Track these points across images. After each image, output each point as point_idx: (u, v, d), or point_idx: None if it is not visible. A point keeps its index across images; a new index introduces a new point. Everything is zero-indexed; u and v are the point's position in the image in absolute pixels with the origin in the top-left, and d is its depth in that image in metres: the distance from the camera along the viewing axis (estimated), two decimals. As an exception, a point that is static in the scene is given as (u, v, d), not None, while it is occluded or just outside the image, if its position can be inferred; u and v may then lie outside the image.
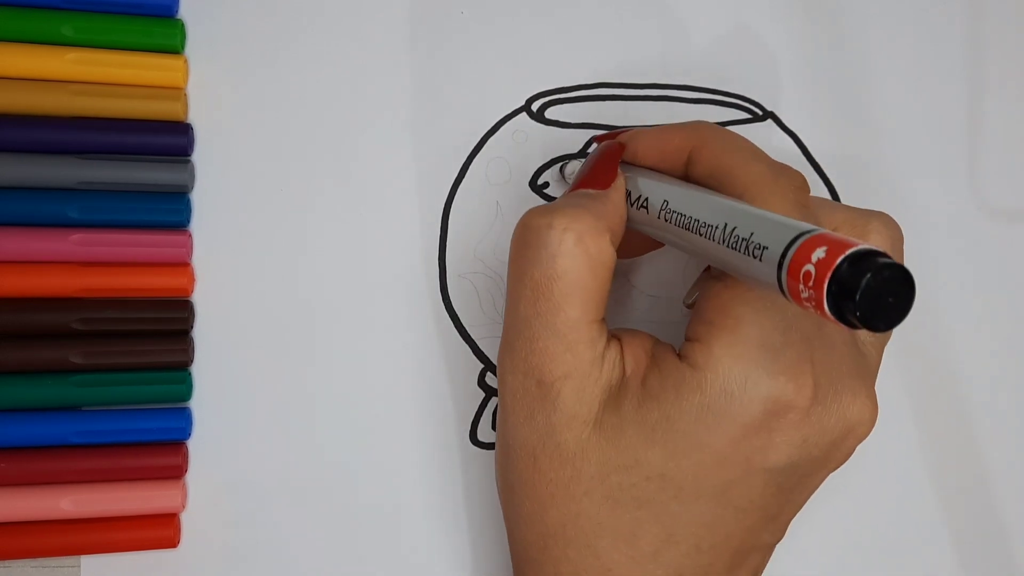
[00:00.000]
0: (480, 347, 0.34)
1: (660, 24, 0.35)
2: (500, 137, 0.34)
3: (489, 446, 0.33)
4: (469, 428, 0.33)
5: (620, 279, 0.34)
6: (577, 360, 0.26)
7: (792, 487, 0.27)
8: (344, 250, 0.33)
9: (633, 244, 0.31)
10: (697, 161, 0.28)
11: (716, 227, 0.25)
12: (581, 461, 0.26)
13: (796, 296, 0.21)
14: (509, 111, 0.34)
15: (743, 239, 0.23)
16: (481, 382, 0.33)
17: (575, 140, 0.34)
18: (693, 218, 0.26)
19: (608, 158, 0.29)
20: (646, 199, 0.28)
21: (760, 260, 0.23)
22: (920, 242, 0.36)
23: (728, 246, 0.24)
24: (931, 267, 0.36)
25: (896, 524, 0.35)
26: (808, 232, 0.22)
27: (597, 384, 0.26)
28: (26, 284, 0.31)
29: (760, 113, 0.35)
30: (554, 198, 0.34)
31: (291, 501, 0.32)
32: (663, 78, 0.35)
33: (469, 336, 0.34)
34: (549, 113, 0.34)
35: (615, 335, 0.28)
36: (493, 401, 0.33)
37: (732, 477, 0.26)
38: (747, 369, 0.25)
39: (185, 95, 0.33)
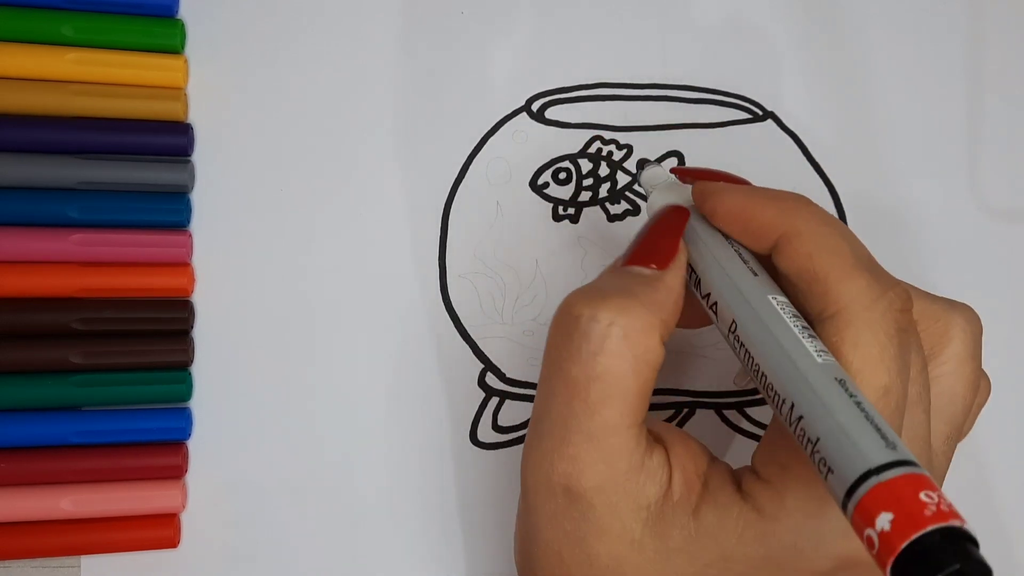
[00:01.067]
0: (480, 347, 0.34)
1: (660, 24, 0.35)
2: (500, 137, 0.34)
3: (489, 446, 0.33)
4: (469, 428, 0.33)
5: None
6: (612, 471, 0.24)
7: None
8: (344, 250, 0.33)
9: (692, 315, 0.28)
10: (786, 254, 0.24)
11: (784, 401, 0.22)
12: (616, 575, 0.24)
13: (860, 537, 0.19)
14: (509, 111, 0.34)
15: (808, 439, 0.21)
16: (481, 382, 0.33)
17: (575, 140, 0.34)
18: (760, 372, 0.23)
19: (670, 228, 0.26)
20: (712, 301, 0.25)
21: (825, 478, 0.20)
22: (920, 242, 0.36)
23: (793, 432, 0.21)
24: (931, 267, 0.36)
25: (896, 524, 0.35)
26: (878, 474, 0.18)
27: (634, 498, 0.24)
28: (26, 284, 0.31)
29: (760, 113, 0.35)
30: (554, 198, 0.34)
31: (291, 501, 0.32)
32: (663, 78, 0.35)
33: (469, 336, 0.34)
34: (549, 113, 0.34)
35: (659, 438, 0.25)
36: (493, 401, 0.33)
37: None
38: (822, 530, 0.23)
39: (185, 95, 0.33)
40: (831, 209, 0.35)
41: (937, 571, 0.17)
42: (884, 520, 0.18)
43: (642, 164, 0.30)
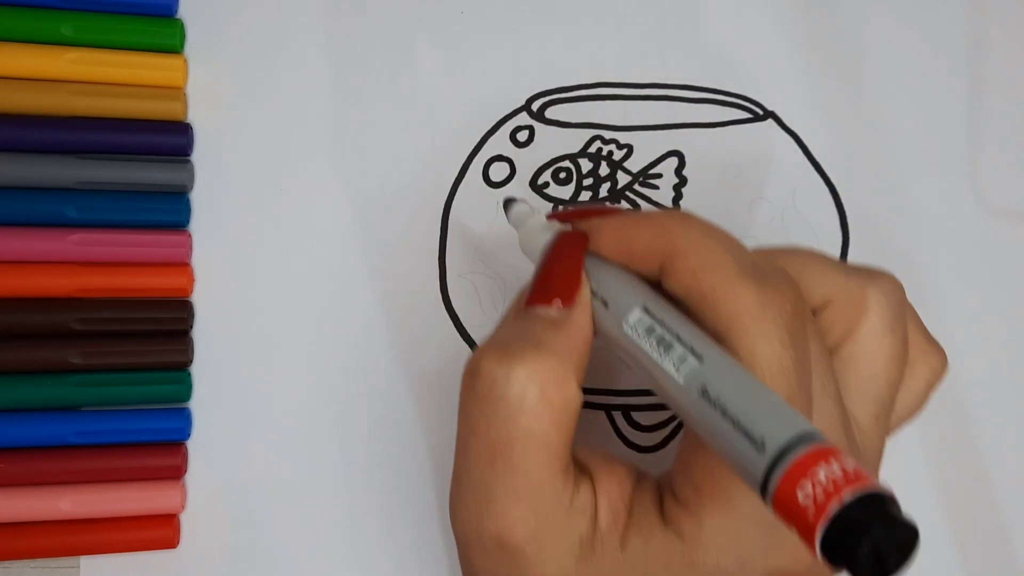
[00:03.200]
0: (480, 347, 0.34)
1: (660, 24, 0.35)
2: (500, 137, 0.34)
3: (489, 446, 0.33)
4: (469, 428, 0.33)
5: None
6: (541, 519, 0.23)
7: None
8: (344, 250, 0.33)
9: None
10: (671, 273, 0.24)
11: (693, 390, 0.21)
12: None
13: (784, 517, 0.18)
14: (509, 111, 0.34)
15: (725, 413, 0.20)
16: (481, 382, 0.33)
17: (575, 140, 0.34)
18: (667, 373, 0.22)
19: (570, 259, 0.25)
20: (613, 313, 0.24)
21: (743, 462, 0.19)
22: (920, 242, 0.36)
23: (704, 419, 0.21)
24: (931, 267, 0.36)
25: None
26: (798, 447, 0.18)
27: (567, 538, 0.23)
28: (25, 284, 0.31)
29: (760, 113, 0.35)
30: (554, 198, 0.34)
31: (290, 502, 0.32)
32: (663, 78, 0.35)
33: (469, 336, 0.33)
34: (549, 113, 0.34)
35: (584, 466, 0.25)
36: (493, 401, 0.33)
37: None
38: (742, 550, 0.23)
39: (185, 95, 0.33)
40: (831, 209, 0.35)
41: (860, 543, 0.17)
42: (810, 486, 0.17)
43: (508, 203, 0.29)
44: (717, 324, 0.23)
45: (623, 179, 0.34)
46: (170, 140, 0.32)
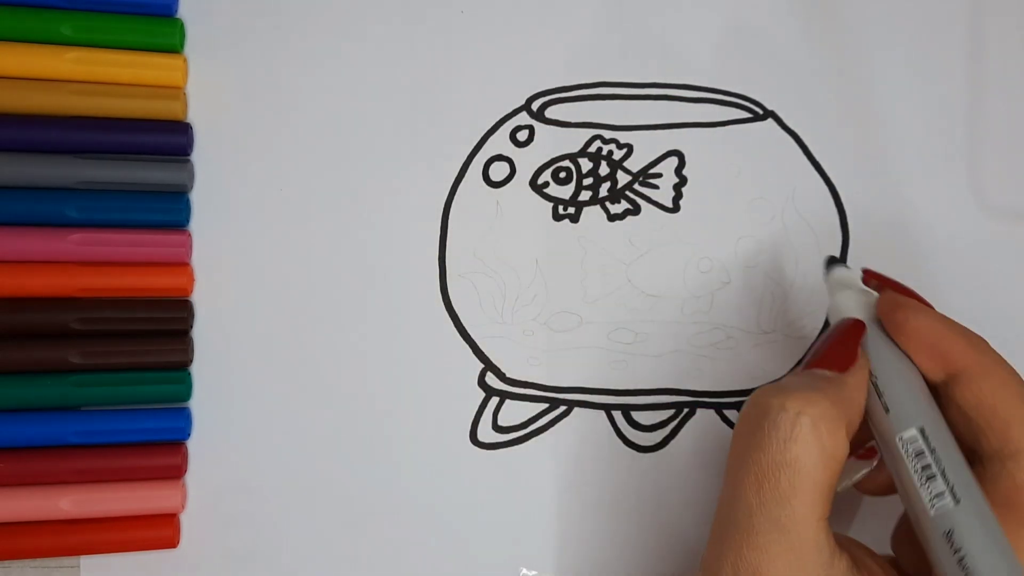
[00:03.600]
0: (480, 347, 0.34)
1: (660, 24, 0.35)
2: (500, 137, 0.34)
3: (489, 446, 0.33)
4: (469, 428, 0.33)
5: (620, 280, 0.34)
6: (801, 563, 0.24)
7: None
8: (343, 250, 0.33)
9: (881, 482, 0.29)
10: (969, 387, 0.26)
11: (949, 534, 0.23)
12: None
13: None
14: (509, 111, 0.34)
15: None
16: (481, 382, 0.33)
17: (575, 139, 0.34)
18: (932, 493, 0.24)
19: (848, 338, 0.27)
20: (892, 421, 0.26)
21: None
22: (920, 242, 0.36)
23: (942, 559, 0.23)
24: (931, 267, 0.36)
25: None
26: None
27: None
28: (25, 284, 0.31)
29: (760, 113, 0.35)
30: (554, 197, 0.34)
31: (290, 501, 0.32)
32: (663, 78, 0.35)
33: (469, 336, 0.34)
34: (549, 112, 0.34)
35: (843, 544, 0.25)
36: (493, 401, 0.33)
37: None
38: None
39: (184, 94, 0.33)
40: (831, 209, 0.35)
41: None
42: None
43: (831, 262, 0.31)
44: (1005, 444, 0.25)
45: (623, 179, 0.34)
46: (170, 140, 0.32)
